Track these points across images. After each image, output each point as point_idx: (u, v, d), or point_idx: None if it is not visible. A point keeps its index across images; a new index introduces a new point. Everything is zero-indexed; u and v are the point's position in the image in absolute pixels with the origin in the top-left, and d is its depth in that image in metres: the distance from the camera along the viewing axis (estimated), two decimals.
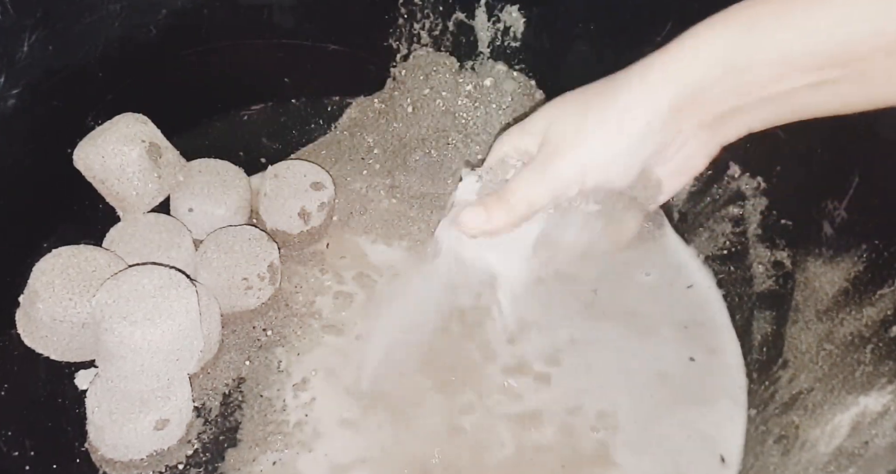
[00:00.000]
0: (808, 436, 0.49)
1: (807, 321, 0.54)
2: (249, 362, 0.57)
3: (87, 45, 0.59)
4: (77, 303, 0.52)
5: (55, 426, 0.53)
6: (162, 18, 0.62)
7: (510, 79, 0.69)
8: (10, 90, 0.55)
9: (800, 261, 0.56)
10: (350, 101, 0.73)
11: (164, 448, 0.51)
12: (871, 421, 0.45)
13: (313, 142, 0.71)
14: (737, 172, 0.61)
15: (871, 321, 0.49)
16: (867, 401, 0.46)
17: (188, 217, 0.60)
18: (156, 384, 0.51)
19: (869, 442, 0.45)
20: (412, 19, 0.70)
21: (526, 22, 0.68)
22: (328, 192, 0.62)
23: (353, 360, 0.57)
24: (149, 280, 0.51)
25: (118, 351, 0.49)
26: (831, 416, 0.48)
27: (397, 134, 0.68)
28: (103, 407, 0.50)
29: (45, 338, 0.54)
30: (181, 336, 0.50)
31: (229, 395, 0.55)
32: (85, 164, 0.58)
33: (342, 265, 0.62)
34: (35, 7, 0.54)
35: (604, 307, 0.61)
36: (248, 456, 0.52)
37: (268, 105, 0.73)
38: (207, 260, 0.57)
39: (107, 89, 0.62)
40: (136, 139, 0.57)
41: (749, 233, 0.61)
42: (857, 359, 0.49)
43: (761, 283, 0.60)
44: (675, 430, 0.55)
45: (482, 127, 0.67)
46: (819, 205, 0.54)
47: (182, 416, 0.52)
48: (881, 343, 0.48)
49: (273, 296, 0.59)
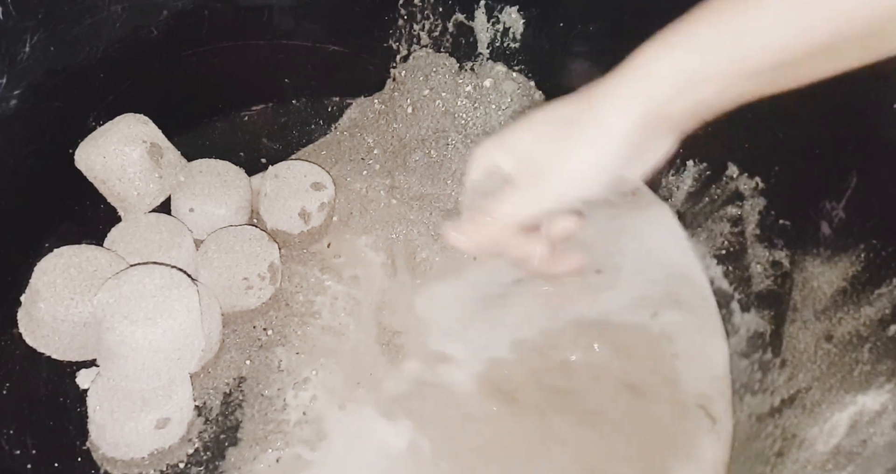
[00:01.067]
0: (806, 435, 0.50)
1: (805, 320, 0.54)
2: (250, 361, 0.57)
3: (89, 45, 0.59)
4: (78, 302, 0.52)
5: (57, 425, 0.53)
6: (163, 19, 0.63)
7: (510, 79, 0.69)
8: (12, 91, 0.55)
9: (798, 260, 0.56)
10: (350, 102, 0.73)
11: (165, 446, 0.52)
12: (869, 420, 0.45)
13: (313, 143, 0.71)
14: (735, 172, 0.61)
15: (868, 320, 0.49)
16: (865, 400, 0.46)
17: (189, 217, 0.60)
18: (157, 383, 0.51)
19: (867, 440, 0.45)
20: (412, 20, 0.70)
21: (525, 23, 0.68)
22: (328, 193, 0.62)
23: (352, 360, 0.58)
24: (150, 279, 0.51)
25: (119, 350, 0.50)
26: (829, 415, 0.48)
27: (397, 134, 0.68)
28: (105, 405, 0.50)
29: (46, 337, 0.54)
30: (182, 335, 0.51)
31: (230, 394, 0.55)
32: (86, 165, 0.58)
33: (342, 265, 0.63)
34: (37, 8, 0.54)
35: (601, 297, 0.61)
36: (249, 455, 0.53)
37: (268, 105, 0.74)
38: (208, 259, 0.57)
39: (108, 90, 0.62)
40: (138, 139, 0.58)
41: (747, 233, 0.61)
42: (855, 358, 0.49)
43: (760, 283, 0.60)
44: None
45: (482, 127, 0.67)
46: (817, 205, 0.54)
47: (183, 415, 0.52)
48: (879, 342, 0.48)
49: (273, 295, 0.59)
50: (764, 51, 0.39)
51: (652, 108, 0.43)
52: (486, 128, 0.67)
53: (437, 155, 0.66)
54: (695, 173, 0.65)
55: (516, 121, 0.49)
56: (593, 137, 0.44)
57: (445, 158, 0.66)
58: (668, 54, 0.42)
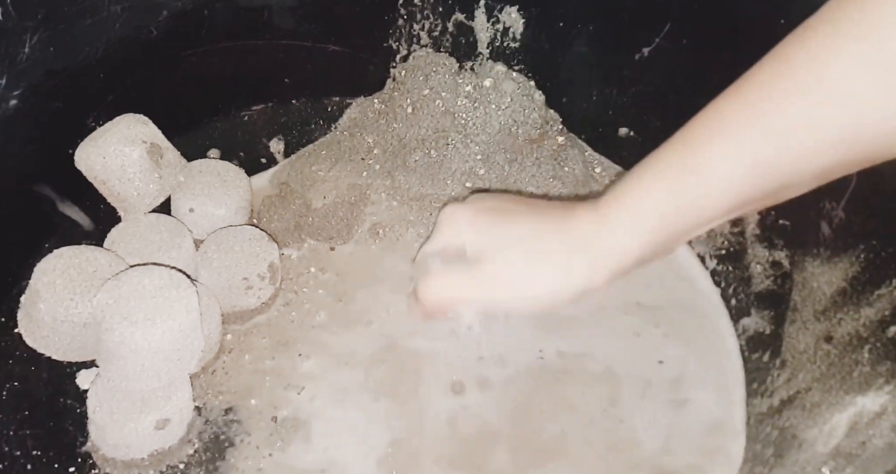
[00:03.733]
0: (805, 436, 0.50)
1: (805, 321, 0.54)
2: (250, 362, 0.57)
3: (89, 46, 0.59)
4: (78, 303, 0.52)
5: (56, 426, 0.53)
6: (162, 19, 0.63)
7: (509, 79, 0.69)
8: (12, 91, 0.55)
9: (798, 261, 0.56)
10: (350, 102, 0.73)
11: (165, 447, 0.52)
12: (869, 422, 0.45)
13: (313, 143, 0.71)
14: None
15: (868, 321, 0.49)
16: (865, 402, 0.47)
17: (189, 217, 0.60)
18: (157, 384, 0.51)
19: (866, 442, 0.45)
20: (412, 20, 0.70)
21: (525, 23, 0.68)
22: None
23: (352, 360, 0.58)
24: (149, 280, 0.51)
25: (119, 351, 0.50)
26: (829, 416, 0.48)
27: (397, 134, 0.68)
28: (104, 406, 0.50)
29: (46, 337, 0.54)
30: (182, 336, 0.51)
31: (230, 395, 0.55)
32: (86, 165, 0.58)
33: (342, 265, 0.63)
34: (36, 8, 0.54)
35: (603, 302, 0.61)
36: (249, 455, 0.53)
37: (268, 105, 0.73)
38: (208, 260, 0.57)
39: (108, 90, 0.62)
40: (137, 140, 0.58)
41: (747, 233, 0.61)
42: (854, 360, 0.49)
43: (759, 283, 0.60)
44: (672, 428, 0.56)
45: (481, 127, 0.67)
46: (817, 205, 0.54)
47: (183, 416, 0.52)
48: (879, 343, 0.48)
49: (273, 295, 0.59)
50: (717, 208, 0.40)
51: (618, 270, 0.44)
52: (487, 127, 0.67)
53: (437, 155, 0.66)
54: None
55: (496, 200, 0.49)
56: (557, 283, 0.45)
57: (445, 158, 0.66)
58: (643, 203, 0.42)
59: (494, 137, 0.67)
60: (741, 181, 0.39)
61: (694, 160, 0.40)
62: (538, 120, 0.68)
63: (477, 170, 0.66)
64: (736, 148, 0.38)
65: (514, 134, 0.67)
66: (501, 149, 0.67)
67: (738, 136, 0.38)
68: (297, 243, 0.64)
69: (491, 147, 0.67)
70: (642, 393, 0.57)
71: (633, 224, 0.43)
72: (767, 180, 0.38)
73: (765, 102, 0.37)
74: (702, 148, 0.40)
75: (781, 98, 0.36)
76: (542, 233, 0.46)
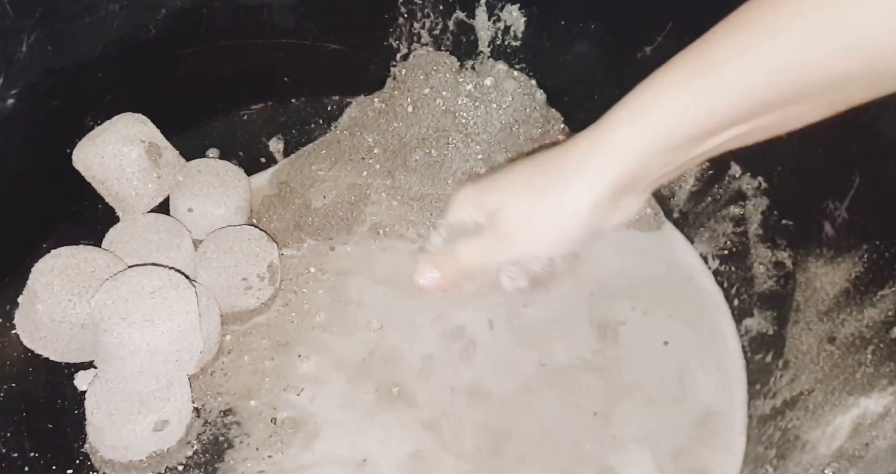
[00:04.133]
0: (808, 438, 0.49)
1: (808, 321, 0.54)
2: (249, 363, 0.57)
3: (87, 45, 0.59)
4: (76, 303, 0.52)
5: (54, 427, 0.53)
6: (161, 18, 0.62)
7: (510, 78, 0.68)
8: (10, 90, 0.55)
9: (801, 261, 0.56)
10: (350, 101, 0.73)
11: (163, 449, 0.51)
12: (872, 423, 0.45)
13: (313, 142, 0.70)
14: (738, 172, 0.61)
15: (872, 322, 0.49)
16: (868, 403, 0.46)
17: (188, 217, 0.60)
18: (155, 385, 0.51)
19: (869, 443, 0.44)
20: (412, 18, 0.69)
21: (526, 21, 0.68)
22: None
23: (352, 360, 0.57)
24: (148, 281, 0.51)
25: (117, 352, 0.49)
26: (832, 418, 0.48)
27: (397, 133, 0.68)
28: (103, 408, 0.50)
29: (44, 338, 0.54)
30: (180, 337, 0.50)
31: (229, 396, 0.55)
32: (84, 165, 0.58)
33: (342, 265, 0.62)
34: (34, 7, 0.54)
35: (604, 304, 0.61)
36: (248, 457, 0.52)
37: (267, 104, 0.73)
38: (207, 260, 0.57)
39: (106, 89, 0.62)
40: (136, 139, 0.57)
41: (750, 233, 0.61)
42: (857, 360, 0.49)
43: (762, 283, 0.59)
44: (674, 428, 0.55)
45: (482, 126, 0.67)
46: (820, 205, 0.54)
47: (181, 417, 0.52)
48: (882, 344, 0.47)
49: (272, 296, 0.59)
50: (727, 113, 0.40)
51: (621, 179, 0.43)
52: (487, 127, 0.67)
53: (438, 154, 0.66)
54: (697, 173, 0.64)
55: (497, 172, 0.49)
56: (562, 210, 0.45)
57: (446, 157, 0.66)
58: (635, 124, 0.42)
59: (495, 136, 0.66)
60: (753, 85, 0.39)
61: (706, 61, 0.40)
62: (539, 119, 0.68)
63: (478, 170, 0.66)
64: (751, 52, 0.38)
65: (516, 133, 0.67)
66: (502, 148, 0.66)
67: (752, 41, 0.38)
68: (297, 243, 0.63)
69: (492, 146, 0.66)
70: (643, 394, 0.57)
71: (632, 117, 0.42)
72: (778, 87, 0.38)
73: (780, 10, 0.37)
74: (716, 49, 0.40)
75: (797, 7, 0.37)
76: (541, 170, 0.46)
